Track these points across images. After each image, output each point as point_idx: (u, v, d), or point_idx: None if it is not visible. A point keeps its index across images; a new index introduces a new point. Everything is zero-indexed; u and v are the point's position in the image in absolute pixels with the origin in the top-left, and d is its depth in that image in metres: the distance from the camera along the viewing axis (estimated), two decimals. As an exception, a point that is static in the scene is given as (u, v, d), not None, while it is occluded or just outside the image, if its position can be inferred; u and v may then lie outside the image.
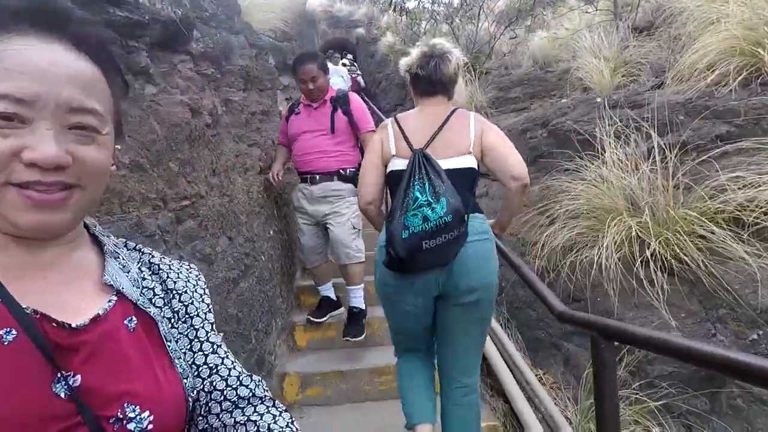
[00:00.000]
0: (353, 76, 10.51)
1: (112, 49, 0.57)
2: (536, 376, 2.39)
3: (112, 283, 0.58)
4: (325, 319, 2.89)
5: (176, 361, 0.60)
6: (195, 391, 0.62)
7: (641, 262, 1.94)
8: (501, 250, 1.96)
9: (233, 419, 0.61)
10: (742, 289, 1.71)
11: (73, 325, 0.53)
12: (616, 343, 1.13)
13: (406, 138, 1.65)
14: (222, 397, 0.62)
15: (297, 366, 2.64)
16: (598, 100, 3.25)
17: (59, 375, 0.50)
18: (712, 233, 1.80)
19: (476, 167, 1.61)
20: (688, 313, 1.87)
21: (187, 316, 0.65)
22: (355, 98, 2.78)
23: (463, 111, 1.71)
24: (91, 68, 0.53)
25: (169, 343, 0.60)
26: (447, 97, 1.72)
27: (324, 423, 2.32)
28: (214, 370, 0.64)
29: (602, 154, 2.38)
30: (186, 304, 0.66)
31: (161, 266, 0.67)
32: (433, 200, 1.46)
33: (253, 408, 0.62)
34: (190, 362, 0.63)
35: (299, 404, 2.51)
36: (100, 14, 1.52)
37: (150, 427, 0.53)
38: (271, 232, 2.87)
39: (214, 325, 0.68)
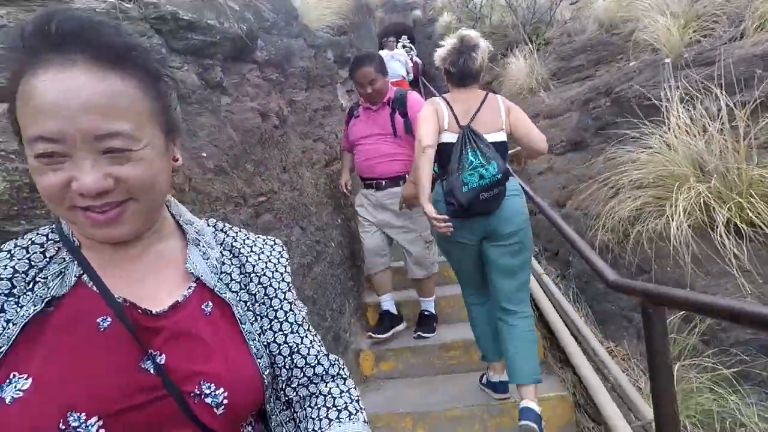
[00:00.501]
0: (412, 59, 10.50)
1: (140, 52, 0.57)
2: (607, 348, 2.38)
3: (192, 271, 0.64)
4: (388, 335, 2.74)
5: (250, 342, 0.64)
6: (276, 368, 0.68)
7: (711, 228, 1.88)
8: (555, 224, 1.99)
9: (307, 391, 0.68)
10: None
11: (154, 312, 0.60)
12: (666, 309, 1.16)
13: (455, 116, 1.99)
14: (301, 374, 0.68)
15: (371, 342, 2.83)
16: (666, 60, 3.06)
17: (148, 353, 0.57)
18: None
19: (506, 140, 2.01)
20: (766, 279, 1.78)
21: (265, 297, 0.69)
22: (412, 98, 2.64)
23: (493, 95, 2.06)
24: (113, 83, 0.53)
25: (243, 326, 0.64)
26: (477, 84, 2.07)
27: (398, 394, 2.50)
28: (294, 349, 0.69)
29: (668, 120, 2.29)
30: (265, 285, 0.69)
31: (242, 249, 0.71)
32: (486, 163, 1.87)
33: (324, 384, 0.69)
34: (270, 341, 0.68)
35: (374, 378, 2.71)
36: (181, 40, 1.76)
37: (225, 401, 0.58)
38: (339, 221, 3.07)
39: (294, 303, 0.72)
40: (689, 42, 3.25)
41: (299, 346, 0.69)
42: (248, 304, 0.67)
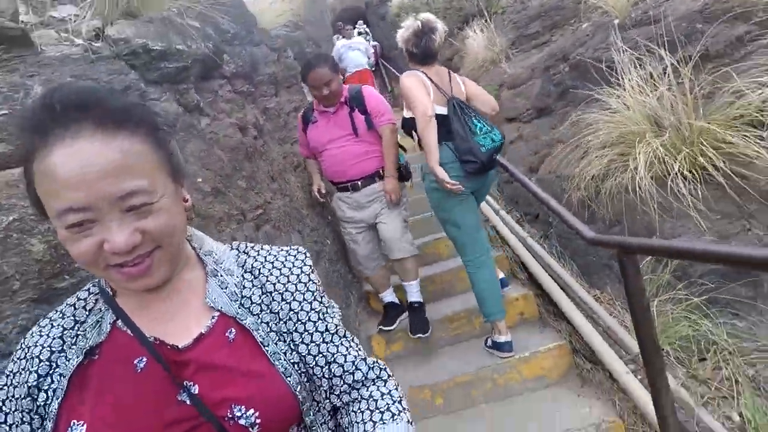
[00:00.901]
0: (373, 45, 10.42)
1: (138, 110, 0.62)
2: (594, 296, 2.59)
3: (212, 305, 0.68)
4: (395, 326, 2.83)
5: (276, 362, 0.66)
6: (316, 379, 0.70)
7: (671, 178, 2.06)
8: (530, 188, 2.14)
9: (349, 397, 0.71)
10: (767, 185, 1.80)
11: (180, 346, 0.65)
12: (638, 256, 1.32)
13: (439, 89, 2.28)
14: (341, 382, 0.70)
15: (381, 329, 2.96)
16: (615, 22, 3.22)
17: (183, 386, 0.62)
18: (728, 138, 1.88)
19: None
20: (723, 215, 1.98)
21: (291, 312, 0.71)
22: (369, 93, 2.59)
23: (449, 71, 2.43)
24: (120, 145, 0.56)
25: (266, 348, 0.67)
26: (437, 62, 2.40)
27: (412, 370, 2.65)
28: (330, 359, 0.70)
29: (622, 81, 2.45)
30: (289, 301, 0.71)
31: (262, 269, 0.73)
32: (491, 129, 2.27)
33: (366, 388, 0.71)
34: (305, 354, 0.70)
35: (388, 359, 2.85)
36: (155, 71, 1.82)
37: (258, 421, 0.62)
38: (329, 218, 3.17)
39: (325, 311, 0.73)
40: (636, 1, 3.40)
41: (335, 355, 0.71)
42: (271, 324, 0.69)
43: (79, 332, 0.66)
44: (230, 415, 0.62)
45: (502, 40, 5.07)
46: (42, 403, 0.62)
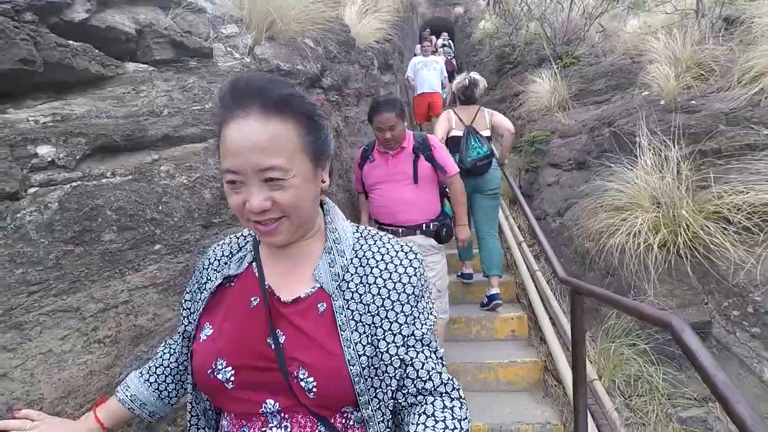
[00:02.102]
0: (449, 58, 10.84)
1: (296, 100, 0.73)
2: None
3: (317, 278, 0.77)
4: None
5: (345, 348, 0.71)
6: (387, 377, 0.73)
7: (655, 248, 2.52)
8: (532, 226, 2.67)
9: (414, 400, 0.73)
10: (725, 270, 2.24)
11: (283, 300, 0.76)
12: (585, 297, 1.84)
13: (460, 120, 3.53)
14: (411, 385, 0.73)
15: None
16: (662, 102, 3.63)
17: (275, 332, 0.73)
18: (711, 230, 2.33)
19: (490, 135, 3.55)
20: (689, 287, 2.43)
21: (381, 308, 0.74)
22: (435, 143, 2.67)
23: (483, 108, 3.61)
24: (274, 127, 0.69)
25: (342, 333, 0.72)
26: (476, 103, 3.62)
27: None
28: (409, 362, 0.73)
29: (641, 158, 2.91)
30: (383, 297, 0.75)
31: (370, 261, 0.79)
32: (480, 146, 3.36)
33: (432, 397, 0.73)
34: (383, 351, 0.73)
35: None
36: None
37: (314, 389, 0.69)
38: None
39: (416, 315, 0.76)
40: (686, 86, 3.78)
41: (413, 360, 0.73)
42: (355, 313, 0.74)
43: (229, 260, 0.85)
44: (296, 374, 0.71)
45: (565, 90, 5.47)
46: (197, 301, 0.86)
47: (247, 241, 0.88)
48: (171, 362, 0.95)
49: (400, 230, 2.58)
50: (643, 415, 2.20)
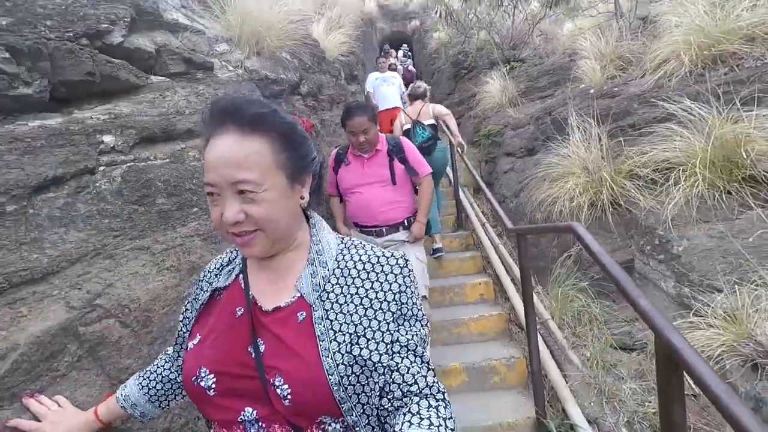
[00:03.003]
0: (406, 66, 11.45)
1: (271, 119, 0.76)
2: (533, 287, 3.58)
3: (298, 288, 0.80)
4: None
5: (324, 358, 0.73)
6: (371, 382, 0.74)
7: (587, 206, 3.08)
8: (486, 195, 3.18)
9: (401, 402, 0.74)
10: (640, 216, 2.80)
11: (263, 309, 0.80)
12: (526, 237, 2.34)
13: (408, 116, 4.40)
14: (397, 389, 0.74)
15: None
16: (591, 91, 4.26)
17: (257, 341, 0.77)
18: (627, 186, 2.89)
19: (434, 123, 4.38)
20: (616, 234, 2.98)
21: (364, 317, 0.76)
22: (407, 144, 2.76)
23: (428, 104, 4.48)
24: (249, 144, 0.73)
25: (321, 343, 0.74)
26: (422, 101, 4.53)
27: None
28: (395, 367, 0.75)
29: (573, 137, 3.48)
30: (366, 307, 0.77)
31: (352, 270, 0.81)
32: (423, 132, 4.20)
33: (418, 399, 0.74)
34: (366, 358, 0.74)
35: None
36: (268, 90, 2.93)
37: (289, 396, 0.72)
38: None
39: (401, 323, 0.78)
40: (610, 76, 4.43)
41: (398, 366, 0.74)
42: (334, 323, 0.76)
43: (220, 273, 0.90)
44: (272, 381, 0.73)
45: (514, 88, 6.11)
46: (191, 313, 0.91)
47: (238, 254, 0.92)
48: (165, 369, 1.02)
49: (384, 229, 2.66)
50: (585, 338, 2.71)
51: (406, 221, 2.69)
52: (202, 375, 0.78)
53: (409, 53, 13.92)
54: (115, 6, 1.99)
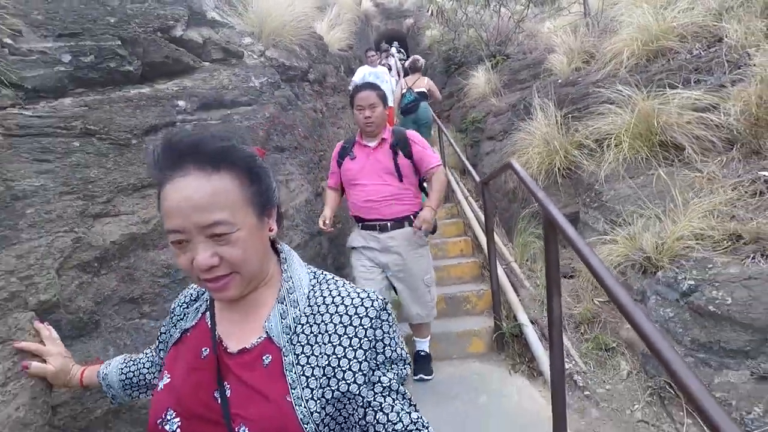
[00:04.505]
0: (402, 63, 12.06)
1: (233, 153, 0.74)
2: (502, 241, 4.28)
3: (267, 330, 0.77)
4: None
5: (297, 406, 0.71)
6: (350, 421, 0.73)
7: (546, 170, 3.77)
8: (462, 159, 3.86)
9: None
10: (585, 177, 3.50)
11: (229, 350, 0.78)
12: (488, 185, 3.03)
13: (406, 84, 6.30)
14: (383, 429, 0.71)
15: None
16: (559, 81, 4.95)
17: (224, 385, 0.75)
18: (576, 155, 3.59)
19: (426, 91, 6.33)
20: (567, 194, 3.67)
21: (343, 359, 0.73)
22: (413, 137, 2.68)
23: (424, 77, 6.56)
24: (214, 183, 0.70)
25: (293, 390, 0.72)
26: (419, 73, 6.60)
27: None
28: (377, 409, 0.72)
29: (537, 119, 4.18)
30: (339, 353, 0.74)
31: (326, 312, 0.78)
32: (411, 95, 6.18)
33: None
34: (345, 402, 0.72)
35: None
36: (285, 75, 3.60)
37: None
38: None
39: (384, 362, 0.75)
40: (575, 68, 5.11)
41: (382, 405, 0.72)
42: (306, 368, 0.73)
43: (187, 311, 0.90)
44: (237, 430, 0.71)
45: (497, 81, 6.80)
46: (164, 345, 0.94)
47: (204, 292, 0.91)
48: (145, 367, 1.04)
49: (389, 224, 2.56)
50: (537, 272, 3.41)
51: (412, 216, 2.60)
52: (168, 418, 0.77)
53: (402, 49, 14.55)
54: (176, 8, 2.65)
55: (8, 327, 1.13)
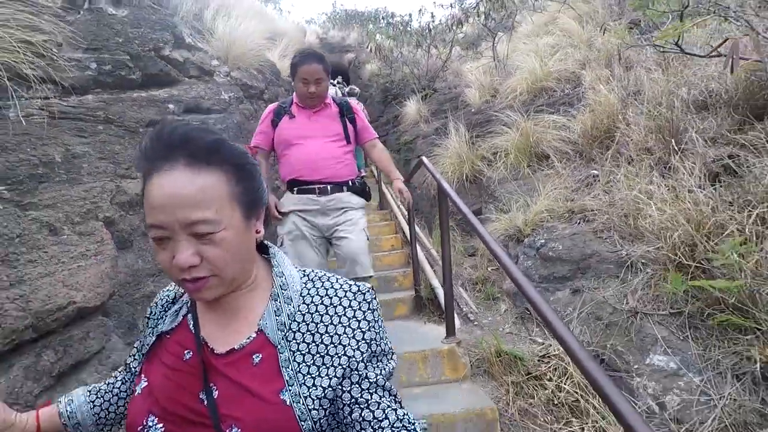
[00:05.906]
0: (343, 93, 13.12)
1: (224, 149, 0.72)
2: (425, 234, 5.18)
3: (262, 328, 0.76)
4: None
5: (294, 404, 0.69)
6: (345, 419, 0.71)
7: (456, 177, 4.74)
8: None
9: None
10: (486, 181, 4.50)
11: (216, 352, 0.76)
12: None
13: None
14: (369, 427, 0.70)
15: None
16: (473, 110, 6.07)
17: (209, 386, 0.72)
18: (479, 165, 4.60)
19: None
20: (474, 196, 4.65)
21: (335, 356, 0.73)
22: (356, 107, 2.68)
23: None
24: (203, 179, 0.68)
25: (290, 387, 0.71)
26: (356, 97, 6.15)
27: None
28: (364, 406, 0.71)
29: (452, 138, 5.20)
30: (335, 344, 0.74)
31: (319, 306, 0.77)
32: None
33: (390, 430, 0.69)
34: (338, 396, 0.72)
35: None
36: (247, 92, 4.33)
37: None
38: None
39: (369, 359, 0.74)
40: (485, 101, 6.26)
41: (368, 403, 0.71)
42: (302, 365, 0.73)
43: (165, 314, 0.87)
44: (228, 431, 0.69)
45: (426, 110, 7.91)
46: (140, 356, 0.90)
47: (184, 292, 0.89)
48: (121, 391, 0.95)
49: (329, 187, 2.48)
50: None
51: (350, 182, 2.54)
52: (150, 424, 0.74)
53: (344, 81, 15.58)
54: (164, 33, 3.35)
55: (89, 229, 1.78)
